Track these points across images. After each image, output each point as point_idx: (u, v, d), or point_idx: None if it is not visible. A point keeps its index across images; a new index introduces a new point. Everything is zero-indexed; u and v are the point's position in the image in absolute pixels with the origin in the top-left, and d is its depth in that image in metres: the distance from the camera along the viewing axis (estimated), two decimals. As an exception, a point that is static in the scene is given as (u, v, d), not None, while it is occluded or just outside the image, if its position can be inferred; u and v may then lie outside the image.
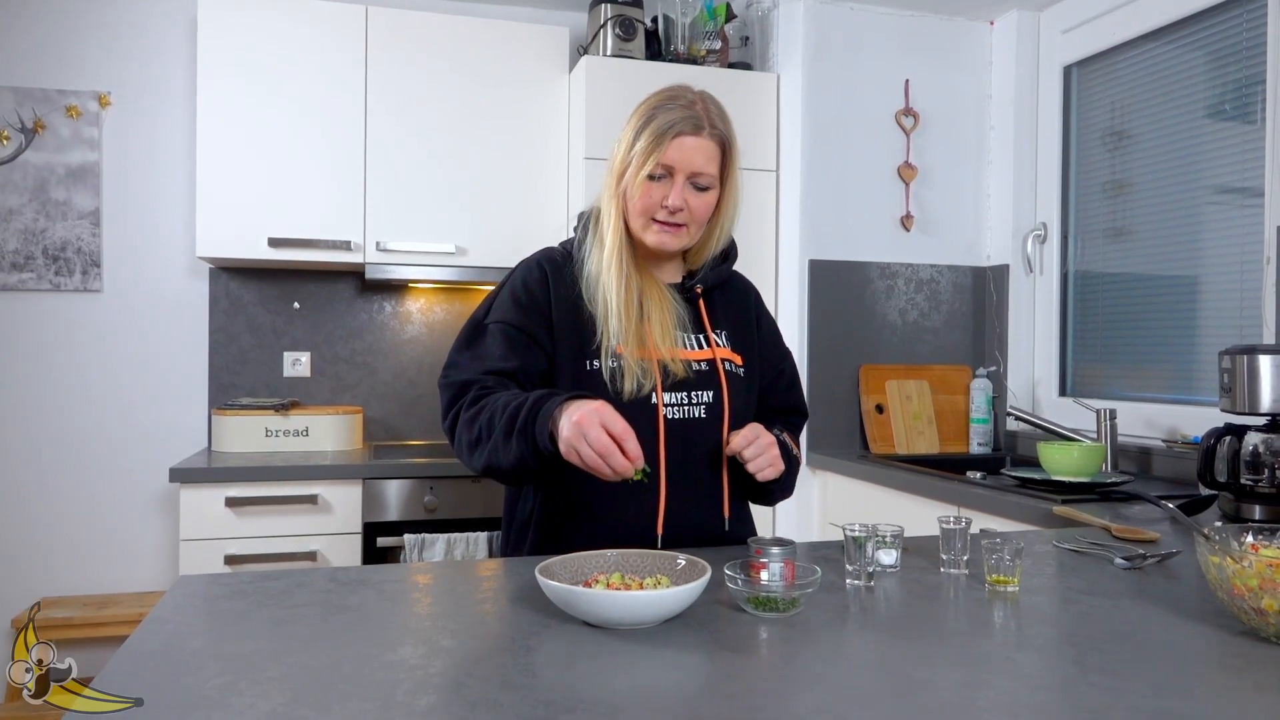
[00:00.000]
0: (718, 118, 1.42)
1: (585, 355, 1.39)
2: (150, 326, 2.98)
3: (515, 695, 0.82)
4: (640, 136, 1.39)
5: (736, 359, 1.50)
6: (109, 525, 2.93)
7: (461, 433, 1.33)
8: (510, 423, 1.25)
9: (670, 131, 1.37)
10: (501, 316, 1.40)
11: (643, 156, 1.38)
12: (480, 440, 1.30)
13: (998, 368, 2.93)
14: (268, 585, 1.18)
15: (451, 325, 3.19)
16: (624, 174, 1.41)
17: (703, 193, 1.41)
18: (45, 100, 2.88)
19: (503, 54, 2.91)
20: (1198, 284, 2.47)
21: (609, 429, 1.18)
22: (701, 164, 1.39)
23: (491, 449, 1.28)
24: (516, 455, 1.25)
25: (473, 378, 1.36)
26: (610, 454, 1.17)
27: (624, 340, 1.38)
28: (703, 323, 1.49)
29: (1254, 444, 1.77)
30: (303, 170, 2.76)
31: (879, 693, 0.86)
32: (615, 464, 1.18)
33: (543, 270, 1.44)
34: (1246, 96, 2.30)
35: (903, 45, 2.94)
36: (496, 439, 1.27)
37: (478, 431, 1.30)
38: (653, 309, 1.41)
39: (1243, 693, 0.88)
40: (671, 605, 1.01)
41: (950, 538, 1.28)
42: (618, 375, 1.37)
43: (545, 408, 1.24)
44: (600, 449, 1.17)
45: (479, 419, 1.30)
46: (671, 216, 1.40)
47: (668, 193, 1.39)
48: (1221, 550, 1.01)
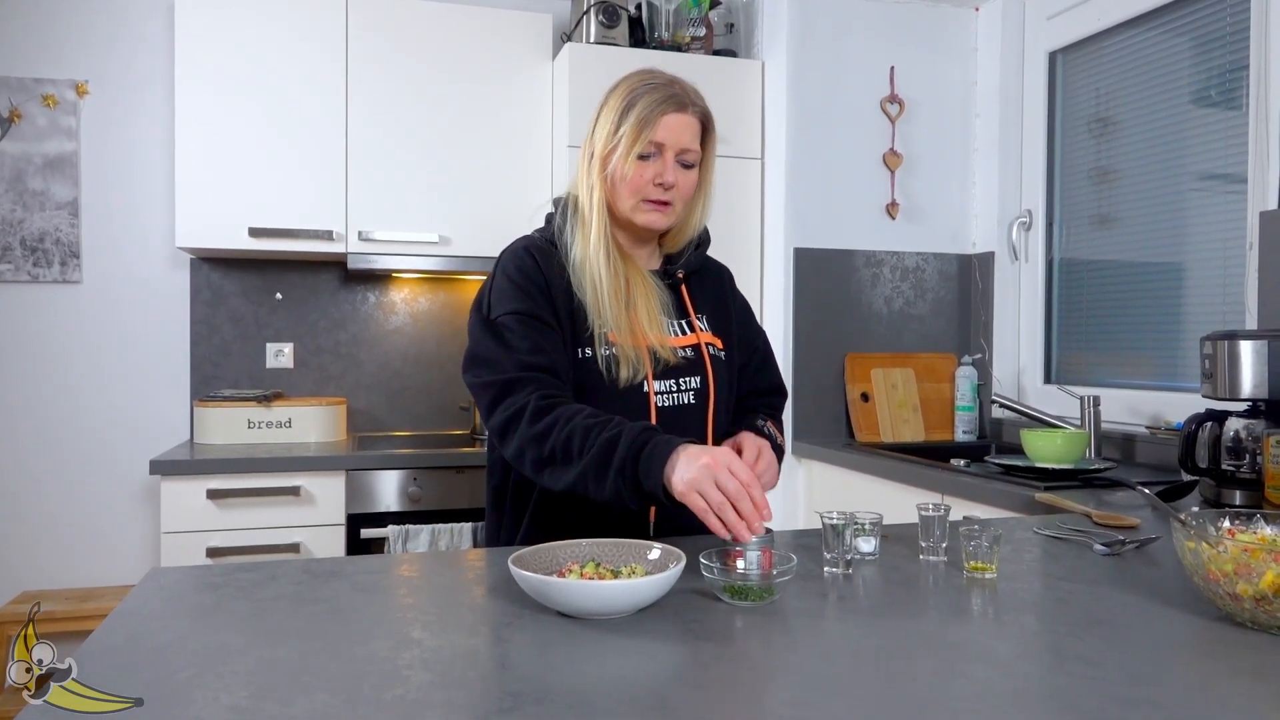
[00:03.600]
0: (696, 95, 1.45)
1: (578, 343, 1.38)
2: (131, 318, 2.95)
3: (484, 686, 0.81)
4: (626, 117, 1.39)
5: (718, 342, 1.51)
6: (91, 518, 2.91)
7: (527, 449, 1.26)
8: (605, 455, 1.20)
9: (659, 110, 1.38)
10: (511, 307, 1.34)
11: (632, 137, 1.38)
12: (555, 461, 1.24)
13: (983, 355, 2.93)
14: (240, 577, 1.16)
15: (435, 315, 3.18)
16: (608, 157, 1.40)
17: (688, 170, 1.42)
18: (21, 89, 2.85)
19: (485, 41, 2.88)
20: (1182, 270, 2.47)
21: (737, 476, 1.13)
22: (689, 140, 1.41)
23: (578, 477, 1.22)
24: (613, 492, 1.20)
25: (515, 375, 1.30)
26: (741, 498, 1.12)
27: (616, 327, 1.37)
28: (686, 308, 1.49)
29: (1234, 429, 1.77)
30: (283, 159, 2.74)
31: (853, 682, 0.86)
32: (744, 508, 1.12)
33: (532, 257, 1.41)
34: (1231, 83, 2.29)
35: (888, 32, 2.93)
36: (586, 469, 1.21)
37: (550, 450, 1.24)
38: (638, 296, 1.41)
39: (1218, 678, 0.88)
40: (644, 594, 1.00)
41: (929, 525, 1.27)
42: (613, 363, 1.36)
43: (653, 450, 1.18)
44: (732, 493, 1.12)
45: (552, 437, 1.24)
46: (665, 194, 1.40)
47: (659, 170, 1.39)
48: (1197, 535, 1.01)
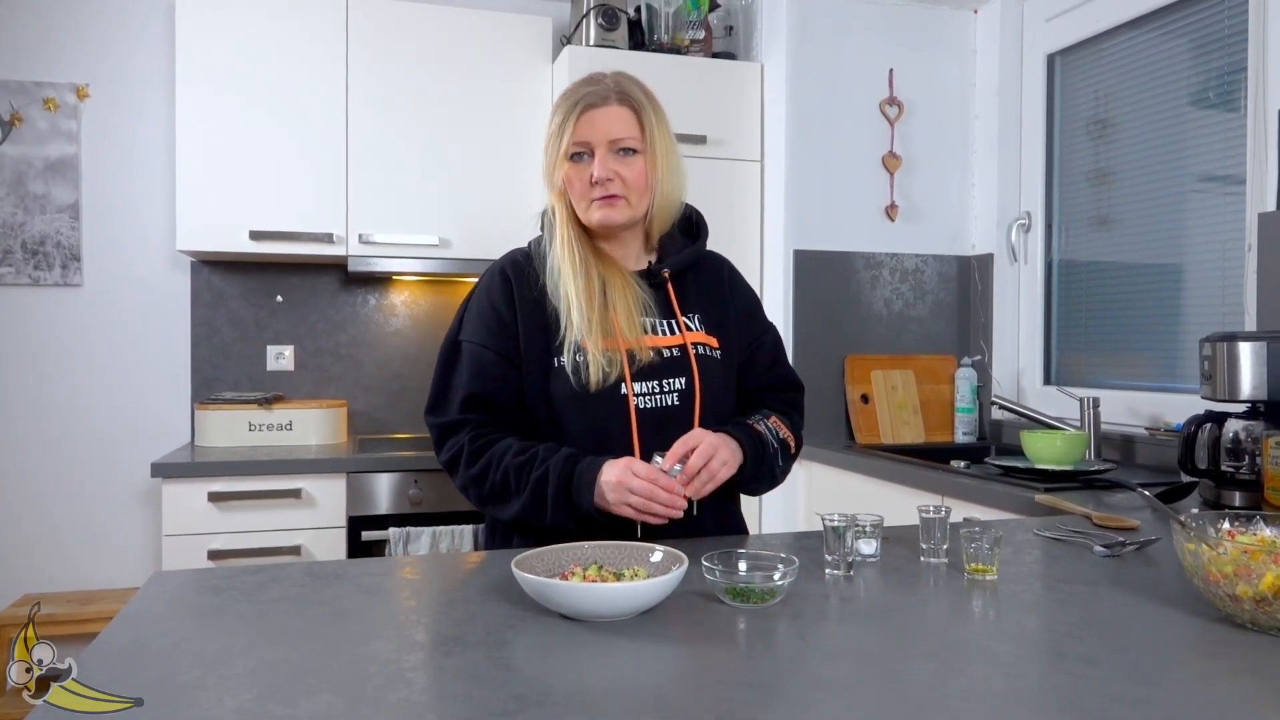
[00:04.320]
0: (629, 86, 1.44)
1: (552, 353, 1.39)
2: (131, 321, 2.96)
3: (487, 688, 0.81)
4: (552, 127, 1.43)
5: (711, 341, 1.48)
6: (92, 521, 2.91)
7: (469, 488, 1.40)
8: (539, 490, 1.32)
9: (576, 108, 1.40)
10: (471, 336, 1.44)
11: (557, 140, 1.41)
12: (496, 499, 1.37)
13: (982, 357, 2.94)
14: (243, 580, 1.17)
15: (435, 317, 3.18)
16: (553, 169, 1.44)
17: (630, 157, 1.41)
18: (22, 92, 2.85)
19: (485, 44, 2.89)
20: (1181, 272, 2.48)
21: (640, 477, 1.27)
22: (618, 130, 1.40)
23: (520, 513, 1.34)
24: (554, 520, 1.32)
25: (453, 418, 1.41)
26: (651, 498, 1.27)
27: (587, 331, 1.36)
28: (672, 307, 1.47)
29: (1234, 431, 1.77)
30: (284, 162, 2.74)
31: (855, 682, 0.86)
32: (661, 502, 1.27)
33: (505, 278, 1.45)
34: (1229, 84, 2.30)
35: (887, 34, 2.93)
36: (526, 506, 1.33)
37: (490, 489, 1.36)
38: (616, 297, 1.40)
39: (1217, 678, 0.88)
40: (647, 597, 1.00)
41: (930, 527, 1.28)
42: (581, 368, 1.36)
43: (579, 479, 1.30)
44: (646, 494, 1.27)
45: (488, 479, 1.36)
46: (604, 189, 1.40)
47: (591, 168, 1.40)
48: (1197, 537, 1.01)
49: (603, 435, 1.37)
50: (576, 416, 1.37)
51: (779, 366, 1.58)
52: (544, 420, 1.40)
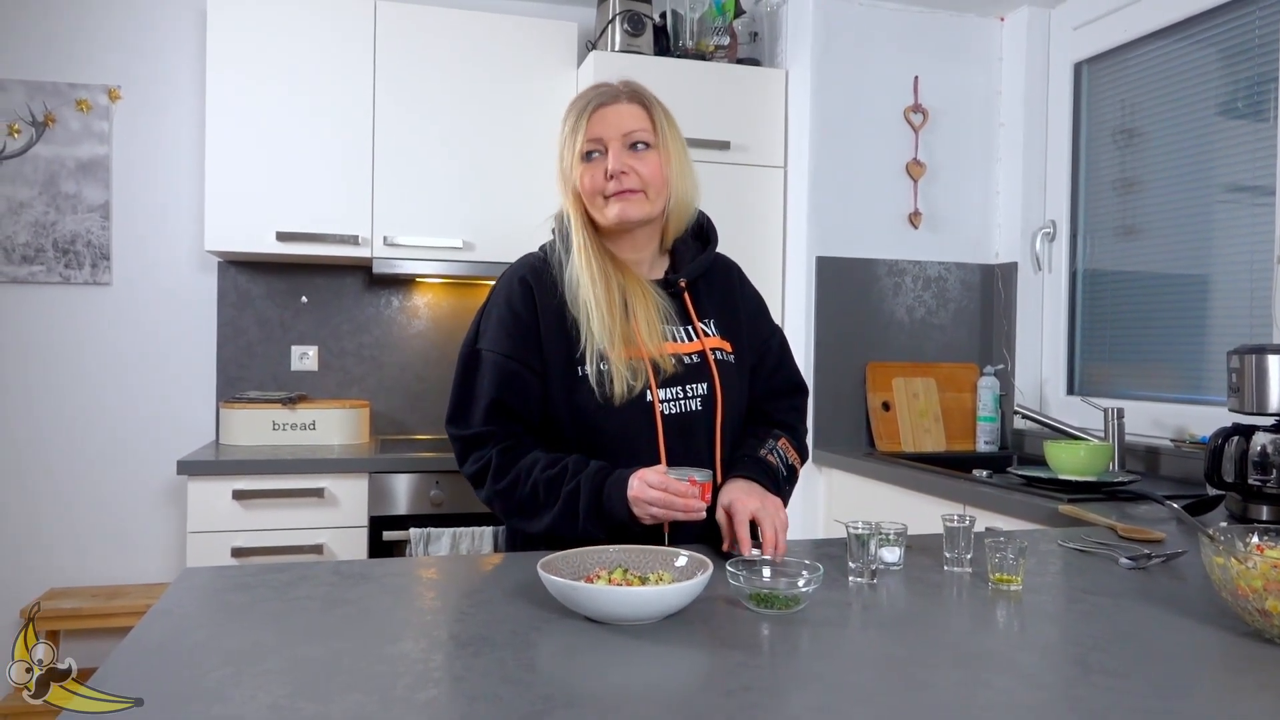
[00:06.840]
0: (638, 86, 1.46)
1: (575, 362, 1.39)
2: (159, 319, 2.99)
3: (514, 689, 0.82)
4: (565, 129, 1.44)
5: (726, 346, 1.49)
6: (117, 517, 2.95)
7: (495, 501, 1.40)
8: (569, 505, 1.33)
9: (589, 107, 1.42)
10: (493, 345, 1.42)
11: (571, 140, 1.42)
12: (524, 512, 1.37)
13: (1005, 366, 2.92)
14: (271, 578, 1.18)
15: (457, 319, 3.20)
16: (569, 174, 1.44)
17: (644, 152, 1.42)
18: (56, 94, 2.90)
19: (511, 49, 2.91)
20: (1208, 283, 2.46)
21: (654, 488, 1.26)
22: (630, 124, 1.42)
23: (550, 526, 1.34)
24: (584, 532, 1.32)
25: (478, 430, 1.40)
26: (672, 503, 1.26)
27: (609, 341, 1.37)
28: (689, 314, 1.48)
29: (1261, 444, 1.76)
30: (311, 164, 2.77)
31: (878, 691, 0.86)
32: (680, 507, 1.26)
33: (526, 285, 1.44)
34: (1259, 94, 2.28)
35: (912, 41, 2.93)
36: (555, 520, 1.34)
37: (518, 503, 1.37)
38: (637, 306, 1.41)
39: (1245, 694, 0.88)
40: (672, 601, 1.01)
41: (954, 536, 1.28)
42: (605, 379, 1.36)
43: (610, 491, 1.30)
44: (664, 504, 1.26)
45: (516, 492, 1.36)
46: (620, 183, 1.40)
47: (606, 163, 1.40)
48: (1226, 551, 1.01)
49: (629, 442, 1.38)
50: (602, 425, 1.38)
51: (784, 369, 1.60)
52: (568, 428, 1.40)
